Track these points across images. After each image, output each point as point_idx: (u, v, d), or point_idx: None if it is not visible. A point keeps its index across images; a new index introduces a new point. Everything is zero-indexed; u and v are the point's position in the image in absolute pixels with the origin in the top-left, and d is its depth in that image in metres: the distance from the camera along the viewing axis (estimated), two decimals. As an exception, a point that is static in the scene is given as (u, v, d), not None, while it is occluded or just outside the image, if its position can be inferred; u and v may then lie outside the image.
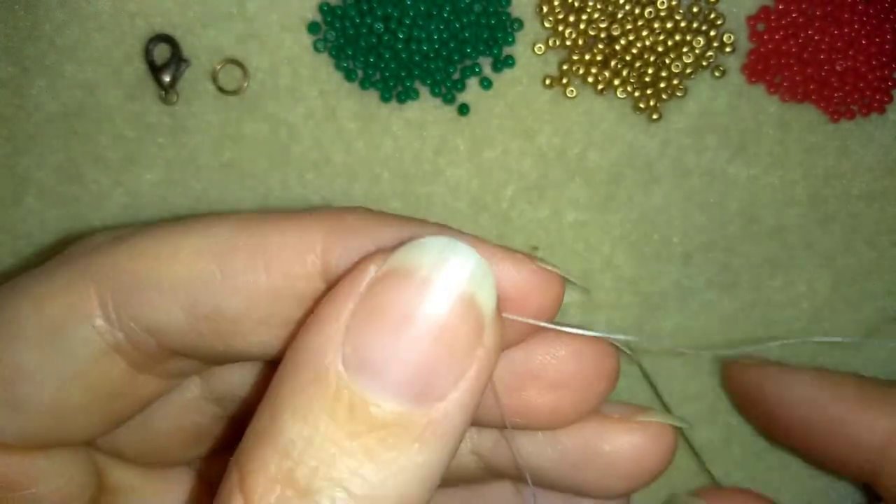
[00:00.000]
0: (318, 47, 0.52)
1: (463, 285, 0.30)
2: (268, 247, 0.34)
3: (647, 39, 0.52)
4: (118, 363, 0.36)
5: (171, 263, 0.34)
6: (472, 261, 0.31)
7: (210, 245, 0.34)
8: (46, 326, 0.35)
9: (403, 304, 0.30)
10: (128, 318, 0.34)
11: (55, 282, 0.35)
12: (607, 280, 0.55)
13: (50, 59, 0.52)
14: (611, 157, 0.54)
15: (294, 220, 0.35)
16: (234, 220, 0.35)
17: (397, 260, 0.31)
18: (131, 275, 0.34)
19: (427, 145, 0.53)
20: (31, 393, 0.35)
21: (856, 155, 0.54)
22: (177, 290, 0.34)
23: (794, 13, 0.52)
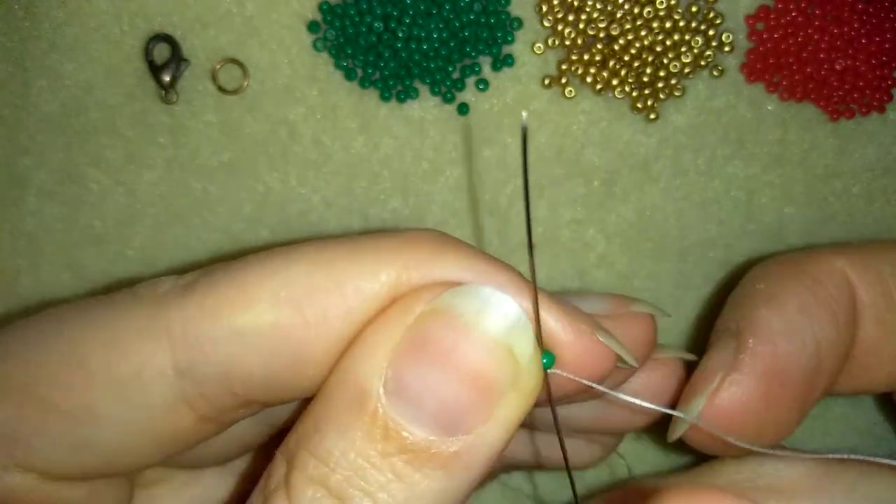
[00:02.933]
0: (318, 46, 0.52)
1: (501, 335, 0.33)
2: (345, 285, 0.34)
3: (646, 39, 0.52)
4: (186, 415, 0.35)
5: (247, 313, 0.34)
6: (513, 313, 0.33)
7: (287, 289, 0.34)
8: (118, 375, 0.34)
9: (445, 342, 0.32)
10: (201, 372, 0.34)
11: (128, 327, 0.35)
12: (603, 277, 0.55)
13: (50, 58, 0.52)
14: (609, 156, 0.54)
15: (368, 250, 0.35)
16: (307, 256, 0.35)
17: (446, 301, 0.33)
18: (205, 326, 0.34)
19: (426, 144, 0.53)
20: (96, 436, 0.35)
21: (855, 154, 0.54)
22: (255, 341, 0.34)
23: (793, 12, 0.52)
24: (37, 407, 0.35)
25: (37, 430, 0.35)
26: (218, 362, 0.34)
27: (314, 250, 0.35)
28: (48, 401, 0.35)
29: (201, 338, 0.34)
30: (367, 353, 0.33)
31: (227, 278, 0.35)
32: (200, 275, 0.36)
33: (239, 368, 0.34)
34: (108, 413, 0.34)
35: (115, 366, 0.34)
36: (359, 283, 0.34)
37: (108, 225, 0.54)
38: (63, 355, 0.35)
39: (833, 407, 0.57)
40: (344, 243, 0.35)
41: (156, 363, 0.34)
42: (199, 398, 0.35)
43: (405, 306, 0.33)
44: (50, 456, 0.35)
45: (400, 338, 0.33)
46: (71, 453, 0.35)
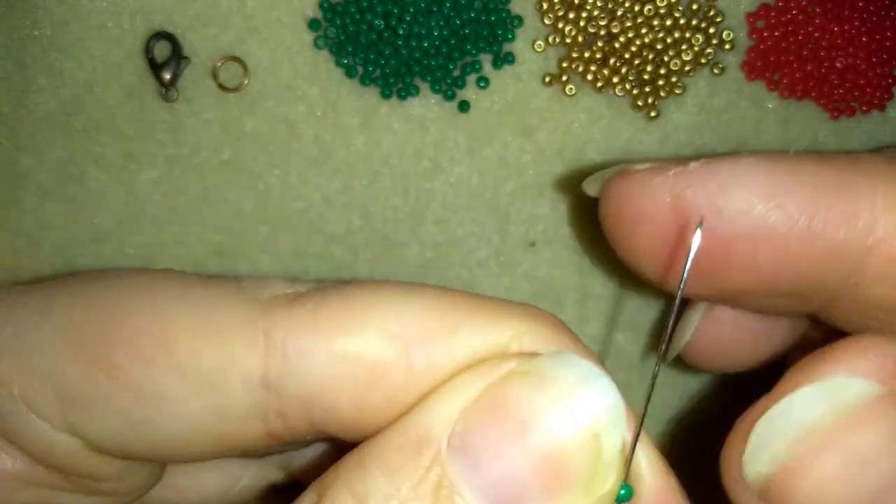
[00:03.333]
0: (319, 44, 0.52)
1: (592, 419, 0.29)
2: (457, 337, 0.32)
3: (647, 37, 0.52)
4: (256, 427, 0.33)
5: (353, 339, 0.32)
6: (612, 401, 0.30)
7: (400, 326, 0.32)
8: (203, 367, 0.32)
9: (527, 409, 0.29)
10: (289, 389, 0.32)
11: (226, 320, 0.33)
12: (603, 275, 0.55)
13: (50, 57, 0.52)
14: (609, 153, 0.54)
15: (487, 309, 0.33)
16: (425, 297, 0.33)
17: (539, 364, 0.30)
18: (307, 343, 0.32)
19: (427, 142, 0.53)
20: (158, 422, 0.33)
21: (856, 152, 0.54)
22: (353, 371, 0.32)
23: (793, 10, 0.52)
24: (108, 374, 0.32)
25: (101, 398, 0.33)
26: (309, 383, 0.32)
27: (434, 293, 0.33)
28: (122, 372, 0.32)
29: (300, 353, 0.32)
30: (440, 399, 0.30)
31: (340, 298, 0.33)
32: (313, 288, 0.34)
33: (328, 395, 0.32)
34: (178, 402, 0.33)
35: (203, 357, 0.32)
36: (471, 339, 0.32)
37: (107, 223, 0.54)
38: (150, 327, 0.33)
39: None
40: (463, 295, 0.33)
41: (245, 366, 0.32)
42: (275, 415, 0.33)
43: (493, 363, 0.31)
44: (104, 428, 0.33)
45: (479, 392, 0.30)
46: (126, 431, 0.33)
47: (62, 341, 0.33)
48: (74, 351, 0.33)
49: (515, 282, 0.55)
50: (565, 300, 0.56)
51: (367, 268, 0.55)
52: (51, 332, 0.33)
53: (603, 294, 0.56)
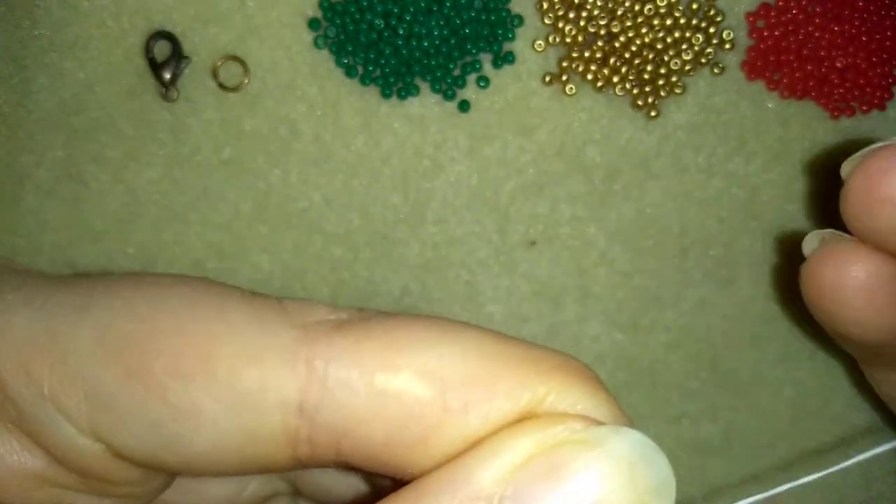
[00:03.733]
0: (319, 44, 0.52)
1: (646, 495, 0.29)
2: (498, 385, 0.31)
3: (647, 36, 0.52)
4: (283, 451, 0.33)
5: (394, 375, 0.31)
6: (666, 476, 0.30)
7: (440, 367, 0.31)
8: (241, 388, 0.32)
9: (582, 478, 0.29)
10: (324, 418, 0.32)
11: (269, 343, 0.32)
12: (603, 274, 0.55)
13: (49, 56, 0.52)
14: (609, 153, 0.54)
15: (530, 359, 0.32)
16: (468, 340, 0.32)
17: (596, 434, 0.30)
18: (348, 373, 0.31)
19: (427, 141, 0.53)
20: (188, 438, 0.33)
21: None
22: (391, 406, 0.31)
23: (794, 10, 0.52)
24: (146, 386, 0.32)
25: (134, 408, 0.32)
26: (344, 414, 0.32)
27: (477, 336, 0.32)
28: (160, 385, 0.32)
29: (339, 384, 0.31)
30: (492, 455, 0.30)
31: (382, 332, 0.32)
32: (355, 316, 0.33)
33: (361, 428, 0.32)
34: (213, 420, 0.32)
35: (244, 378, 0.32)
36: (512, 388, 0.31)
37: (107, 223, 0.54)
38: (193, 343, 0.32)
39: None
40: (505, 341, 0.32)
41: (284, 391, 0.32)
42: (305, 441, 0.32)
43: (548, 423, 0.30)
44: (132, 438, 0.33)
45: (530, 453, 0.29)
46: (154, 443, 0.33)
47: (100, 345, 0.32)
48: (113, 358, 0.32)
49: (515, 281, 0.55)
50: (565, 300, 0.56)
51: (366, 268, 0.55)
52: (89, 334, 0.33)
53: (603, 294, 0.56)
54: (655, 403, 0.57)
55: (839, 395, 0.57)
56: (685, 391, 0.57)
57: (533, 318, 0.56)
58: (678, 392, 0.57)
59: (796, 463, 0.58)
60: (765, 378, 0.57)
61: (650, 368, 0.56)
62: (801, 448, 0.58)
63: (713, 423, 0.57)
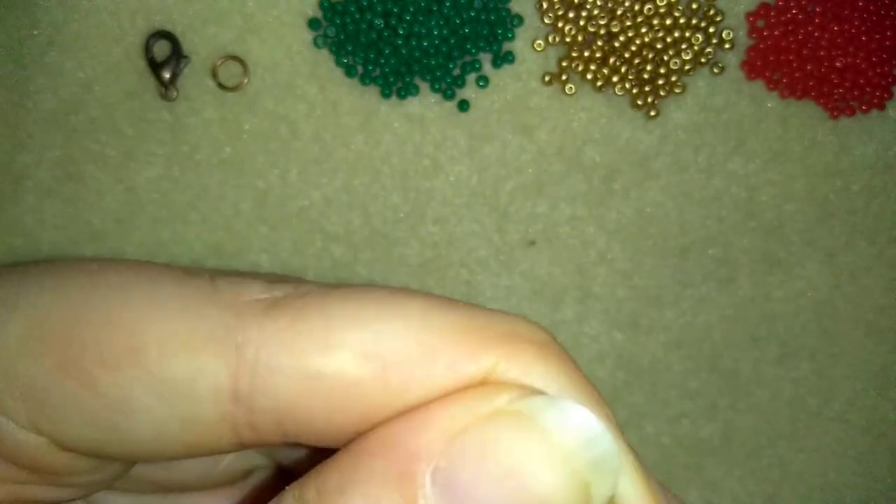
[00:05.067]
0: (319, 43, 0.52)
1: (585, 466, 0.28)
2: (439, 360, 0.30)
3: (646, 36, 0.52)
4: (224, 435, 0.32)
5: (329, 358, 0.30)
6: (608, 448, 0.28)
7: (378, 345, 0.30)
8: (171, 375, 0.31)
9: (518, 453, 0.28)
10: (259, 404, 0.31)
11: (198, 328, 0.31)
12: (602, 274, 0.55)
13: (49, 56, 0.52)
14: (609, 153, 0.54)
15: (474, 330, 0.31)
16: (407, 315, 0.31)
17: (534, 406, 0.29)
18: (280, 358, 0.31)
19: (427, 141, 0.53)
20: (125, 426, 0.32)
21: (856, 151, 0.54)
22: (328, 389, 0.31)
23: (793, 9, 0.52)
24: (75, 377, 0.31)
25: (68, 401, 0.32)
26: (281, 399, 0.31)
27: (419, 308, 0.31)
28: (91, 377, 0.31)
29: (272, 369, 0.31)
30: (424, 427, 0.29)
31: (317, 311, 0.31)
32: (291, 294, 0.32)
33: (300, 412, 0.31)
34: (145, 409, 0.31)
35: (173, 367, 0.31)
36: (454, 362, 0.30)
37: (106, 222, 0.54)
38: (119, 330, 0.31)
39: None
40: (448, 311, 0.31)
41: (215, 378, 0.31)
42: (245, 426, 0.32)
43: (483, 395, 0.29)
44: (72, 430, 0.32)
45: (465, 427, 0.28)
46: (94, 434, 0.32)
47: (30, 339, 0.32)
48: (42, 351, 0.32)
49: (515, 281, 0.55)
50: (565, 299, 0.56)
51: (366, 267, 0.55)
52: (18, 328, 0.32)
53: (603, 293, 0.56)
54: (655, 403, 0.57)
55: (839, 394, 0.57)
56: (685, 391, 0.57)
57: (532, 318, 0.55)
58: (678, 392, 0.57)
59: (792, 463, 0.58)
60: (764, 378, 0.57)
61: (650, 368, 0.56)
62: (800, 448, 0.58)
63: (712, 422, 0.57)
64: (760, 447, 0.58)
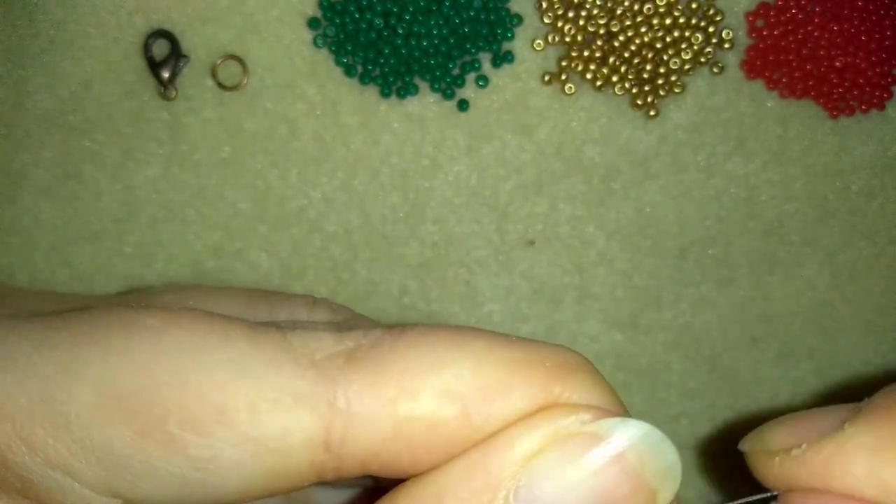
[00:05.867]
0: (318, 43, 0.52)
1: (652, 478, 0.31)
2: (514, 391, 0.32)
3: (646, 36, 0.52)
4: (309, 478, 0.33)
5: (416, 404, 0.32)
6: (670, 459, 0.31)
7: (459, 385, 0.32)
8: (262, 435, 0.31)
9: (592, 468, 0.30)
10: (349, 449, 0.32)
11: (284, 387, 0.32)
12: (602, 274, 0.55)
13: (48, 55, 0.52)
14: (608, 152, 0.54)
15: (538, 361, 0.33)
16: (478, 351, 0.33)
17: (605, 426, 0.31)
18: (369, 409, 0.32)
19: (426, 140, 0.53)
20: (211, 483, 0.32)
21: (855, 151, 0.54)
22: (414, 430, 0.32)
23: (793, 9, 0.52)
24: (161, 443, 0.31)
25: (152, 465, 0.32)
26: (371, 444, 0.32)
27: (486, 346, 0.33)
28: (177, 441, 0.31)
29: (364, 418, 0.32)
30: (506, 449, 0.31)
31: (395, 357, 0.32)
32: (364, 346, 0.33)
33: (389, 452, 0.32)
34: (235, 466, 0.32)
35: (264, 426, 0.31)
36: (529, 393, 0.32)
37: (104, 222, 0.54)
38: (205, 395, 0.31)
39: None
40: (510, 346, 0.33)
41: (308, 432, 0.31)
42: (332, 470, 0.33)
43: (557, 416, 0.31)
44: (154, 493, 0.32)
45: (543, 445, 0.31)
46: (177, 492, 0.32)
47: (103, 407, 0.31)
48: (120, 418, 0.31)
49: (514, 280, 0.55)
50: (564, 299, 0.56)
51: (366, 267, 0.55)
52: (88, 396, 0.32)
53: (602, 293, 0.56)
54: (654, 403, 0.57)
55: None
56: (684, 391, 0.57)
57: (532, 318, 0.56)
58: (677, 392, 0.57)
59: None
60: (763, 378, 0.57)
61: (649, 368, 0.56)
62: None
63: (712, 422, 0.57)
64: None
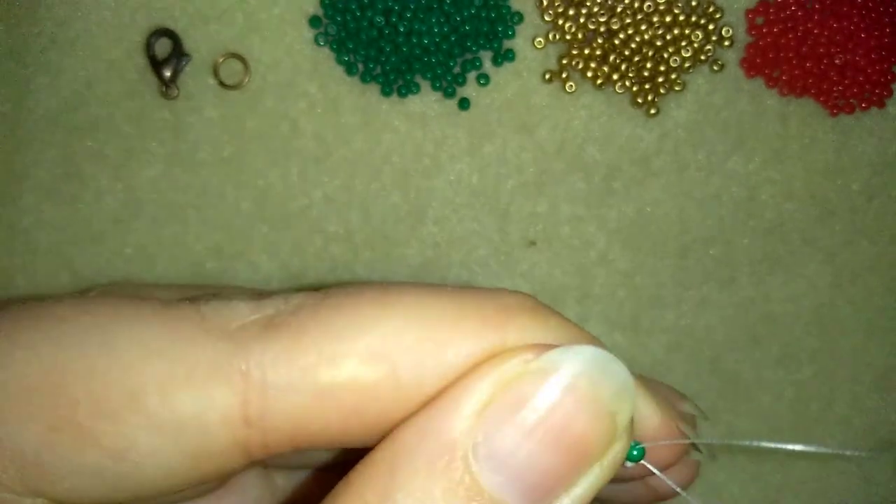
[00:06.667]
0: (319, 41, 0.52)
1: (609, 400, 0.29)
2: (446, 346, 0.31)
3: (646, 34, 0.52)
4: (237, 458, 0.32)
5: (337, 369, 0.30)
6: (624, 378, 0.30)
7: (383, 346, 0.31)
8: (177, 415, 0.30)
9: (544, 404, 0.29)
10: (272, 423, 0.31)
11: (196, 362, 0.31)
12: (603, 274, 0.55)
13: (50, 54, 0.52)
14: (609, 151, 0.54)
15: (470, 310, 0.32)
16: (405, 309, 0.31)
17: (549, 359, 0.30)
18: (288, 377, 0.30)
19: (427, 139, 0.53)
20: (133, 474, 0.31)
21: (855, 149, 0.54)
22: (341, 398, 0.30)
23: (792, 6, 0.52)
24: (72, 435, 0.30)
25: (66, 459, 0.30)
26: (294, 416, 0.31)
27: (413, 302, 0.32)
28: (89, 431, 0.30)
29: (282, 388, 0.30)
30: (455, 407, 0.30)
31: (316, 323, 0.31)
32: (284, 311, 0.32)
33: (315, 423, 0.31)
34: (153, 452, 0.30)
35: (178, 405, 0.30)
36: (464, 347, 0.31)
37: (106, 222, 0.54)
38: (111, 378, 0.30)
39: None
40: (441, 298, 0.32)
41: (224, 408, 0.30)
42: (258, 446, 0.31)
43: (500, 362, 0.30)
44: (73, 487, 0.31)
45: (492, 395, 0.29)
46: (98, 486, 0.31)
47: (13, 402, 0.30)
48: (30, 413, 0.30)
49: (515, 281, 0.55)
50: (565, 299, 0.55)
51: (366, 267, 0.55)
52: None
53: (603, 293, 0.56)
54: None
55: (841, 396, 0.57)
56: (685, 392, 0.57)
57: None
58: (679, 392, 0.56)
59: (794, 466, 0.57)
60: (765, 379, 0.57)
61: (650, 369, 0.56)
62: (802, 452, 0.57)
63: (714, 425, 0.57)
64: (762, 451, 0.57)
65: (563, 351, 0.30)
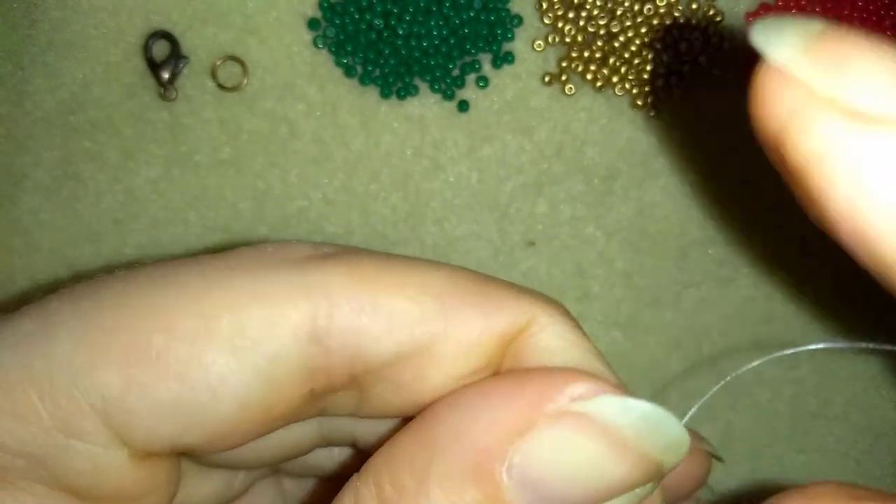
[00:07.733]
0: (318, 43, 0.52)
1: (654, 456, 0.30)
2: (488, 305, 0.32)
3: (646, 36, 0.52)
4: (301, 389, 0.32)
5: (398, 297, 0.32)
6: (676, 435, 0.30)
7: (438, 287, 0.32)
8: (247, 334, 0.31)
9: (591, 454, 0.29)
10: (336, 340, 0.32)
11: (261, 282, 0.32)
12: (602, 274, 0.55)
13: (48, 56, 0.52)
14: (608, 153, 0.54)
15: (504, 290, 0.33)
16: (450, 268, 0.33)
17: (602, 408, 0.29)
18: (353, 300, 0.31)
19: (426, 141, 0.53)
20: (210, 407, 0.32)
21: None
22: (398, 327, 0.32)
23: (793, 10, 0.52)
24: (149, 365, 0.31)
25: (147, 396, 0.31)
26: (356, 335, 0.32)
27: (455, 268, 0.34)
28: (163, 358, 0.31)
29: (347, 306, 0.31)
30: (493, 422, 0.30)
31: (371, 260, 0.33)
32: (340, 250, 0.34)
33: (373, 346, 0.32)
34: (226, 376, 0.31)
35: (249, 320, 0.31)
36: (503, 303, 0.32)
37: (105, 223, 0.54)
38: (183, 307, 0.31)
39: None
40: (481, 274, 0.34)
41: (294, 321, 0.31)
42: (322, 371, 0.32)
43: (545, 391, 0.30)
44: (154, 427, 0.32)
45: (534, 425, 0.29)
46: (178, 424, 0.32)
47: (84, 353, 0.31)
48: (107, 357, 0.31)
49: (514, 281, 0.55)
50: (565, 299, 0.55)
51: (366, 267, 0.55)
52: (66, 346, 0.31)
53: (602, 294, 0.56)
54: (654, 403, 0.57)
55: (839, 394, 0.57)
56: (684, 391, 0.57)
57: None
58: (677, 392, 0.57)
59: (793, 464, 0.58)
60: (764, 378, 0.57)
61: (650, 368, 0.56)
62: (801, 448, 0.58)
63: (713, 422, 0.57)
64: (761, 448, 0.58)
65: (617, 404, 0.29)
